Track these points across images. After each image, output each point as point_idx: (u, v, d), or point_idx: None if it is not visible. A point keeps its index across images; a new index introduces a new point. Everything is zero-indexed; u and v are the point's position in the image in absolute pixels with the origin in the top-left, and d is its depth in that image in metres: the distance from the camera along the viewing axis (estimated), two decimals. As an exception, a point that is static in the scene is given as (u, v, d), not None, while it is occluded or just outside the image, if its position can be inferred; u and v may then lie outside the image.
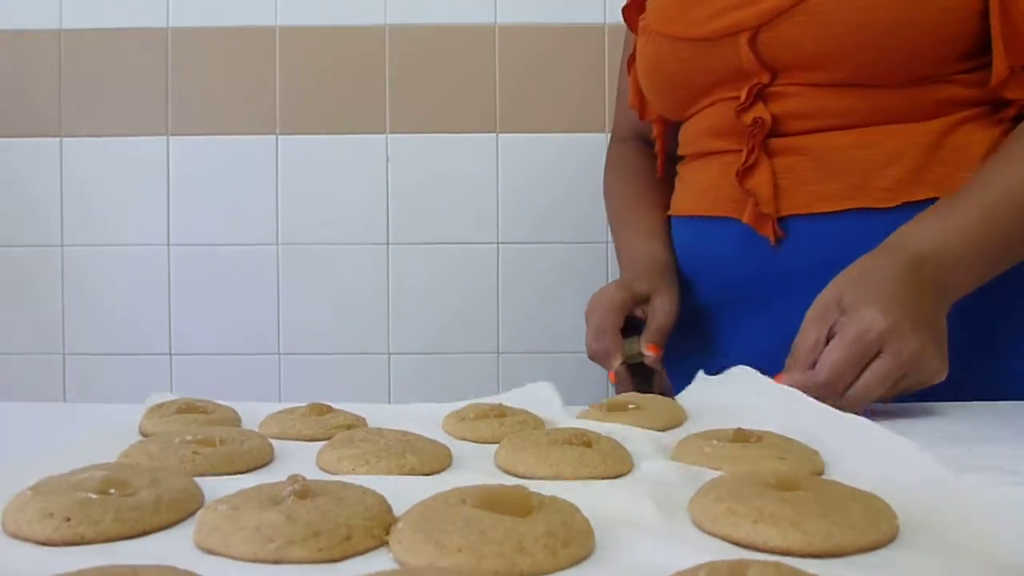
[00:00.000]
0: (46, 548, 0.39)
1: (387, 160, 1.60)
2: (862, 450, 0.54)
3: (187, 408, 0.64)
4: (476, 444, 0.60)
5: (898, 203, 0.85)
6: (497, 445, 0.56)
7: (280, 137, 1.61)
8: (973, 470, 0.50)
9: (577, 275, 1.51)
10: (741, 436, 0.54)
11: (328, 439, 0.57)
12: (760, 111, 0.89)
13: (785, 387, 0.67)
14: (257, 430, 0.61)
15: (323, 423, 0.62)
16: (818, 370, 0.69)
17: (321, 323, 1.61)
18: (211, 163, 1.62)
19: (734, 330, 0.97)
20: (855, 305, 0.70)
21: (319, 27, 1.60)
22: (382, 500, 0.42)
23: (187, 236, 1.62)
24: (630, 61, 1.09)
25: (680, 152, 1.06)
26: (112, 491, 0.41)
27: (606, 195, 1.21)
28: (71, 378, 1.63)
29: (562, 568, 0.36)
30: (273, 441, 0.58)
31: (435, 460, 0.53)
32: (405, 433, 0.56)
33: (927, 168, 0.85)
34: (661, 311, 0.93)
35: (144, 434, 0.61)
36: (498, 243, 1.57)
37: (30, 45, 1.63)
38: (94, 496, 0.41)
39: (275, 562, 0.37)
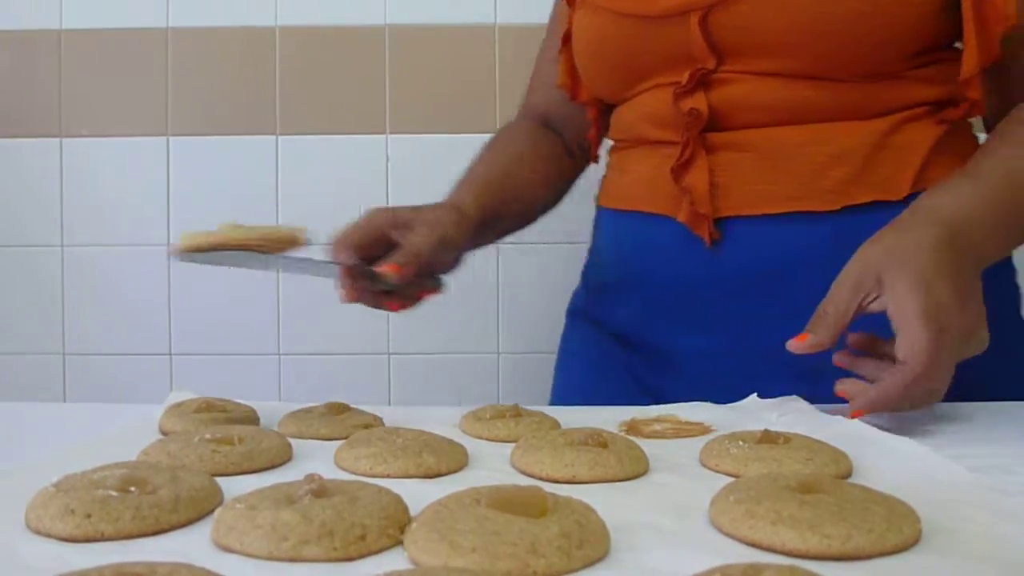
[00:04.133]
0: (67, 544, 0.39)
1: (387, 160, 1.60)
2: (890, 455, 0.54)
3: (206, 407, 0.65)
4: (492, 443, 0.60)
5: (840, 206, 0.81)
6: (513, 445, 0.56)
7: (280, 137, 1.62)
8: (973, 470, 0.51)
9: (578, 275, 1.52)
10: (768, 438, 0.54)
11: (346, 438, 0.57)
12: (698, 100, 0.83)
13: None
14: (276, 429, 0.62)
15: (341, 422, 0.63)
16: (913, 361, 0.63)
17: (321, 323, 1.61)
18: (211, 163, 1.62)
19: (672, 331, 0.90)
20: (900, 282, 0.65)
21: (319, 27, 1.61)
22: (397, 500, 0.42)
23: (187, 236, 1.62)
24: (565, 37, 1.00)
25: (613, 136, 1.00)
26: (132, 489, 0.42)
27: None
28: (71, 378, 1.63)
29: (576, 570, 0.36)
30: (291, 440, 0.58)
31: (452, 459, 0.53)
32: (422, 432, 0.56)
33: (869, 169, 0.82)
34: (418, 235, 0.81)
35: (164, 433, 0.62)
36: (498, 243, 1.57)
37: (30, 45, 1.63)
38: (115, 493, 0.41)
39: (290, 560, 0.37)
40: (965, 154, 0.83)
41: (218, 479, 0.47)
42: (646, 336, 0.92)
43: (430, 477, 0.51)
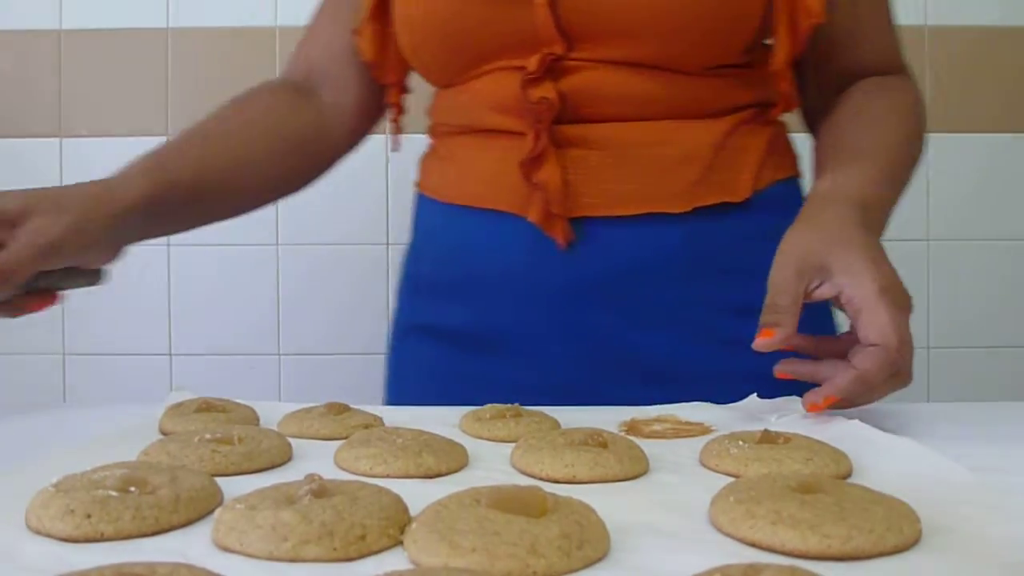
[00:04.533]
0: (67, 544, 0.39)
1: (387, 160, 1.60)
2: (889, 455, 0.54)
3: (206, 407, 0.65)
4: (492, 444, 0.60)
5: (690, 208, 0.81)
6: (513, 445, 0.56)
7: (280, 137, 1.62)
8: (973, 470, 0.51)
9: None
10: (768, 438, 0.54)
11: (346, 438, 0.57)
12: (548, 89, 0.79)
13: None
14: (275, 429, 0.62)
15: (341, 422, 0.63)
16: (887, 342, 0.63)
17: (321, 323, 1.61)
18: (211, 163, 1.62)
19: (523, 335, 0.85)
20: (850, 265, 0.66)
21: (319, 27, 1.60)
22: (397, 500, 0.42)
23: (188, 236, 1.62)
24: (372, 12, 0.89)
25: (438, 119, 0.92)
26: (132, 489, 0.42)
27: None
28: (71, 378, 1.63)
29: (576, 570, 0.36)
30: (291, 440, 0.58)
31: (452, 459, 0.53)
32: (422, 432, 0.56)
33: (714, 171, 0.82)
34: (17, 245, 0.69)
35: (164, 433, 0.62)
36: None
37: (30, 45, 1.63)
38: (114, 494, 0.41)
39: (290, 561, 0.37)
40: (789, 153, 0.89)
41: (218, 479, 0.47)
42: (493, 338, 0.86)
43: (430, 477, 0.51)
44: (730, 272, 0.82)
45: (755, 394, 0.74)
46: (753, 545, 0.39)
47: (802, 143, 0.91)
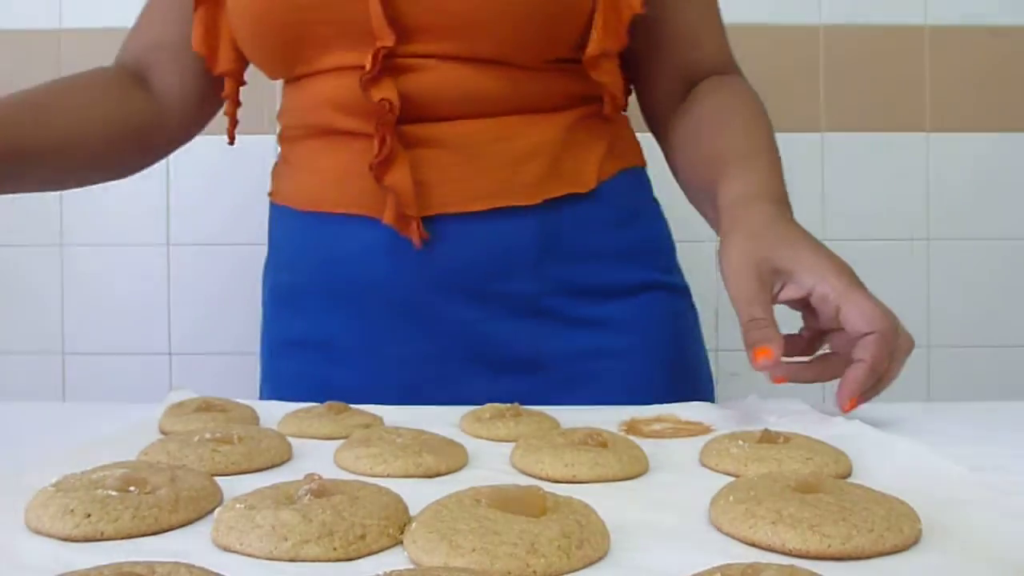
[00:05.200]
0: (66, 544, 0.39)
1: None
2: (889, 454, 0.54)
3: (206, 407, 0.65)
4: (492, 443, 0.60)
5: (540, 200, 0.83)
6: (513, 444, 0.56)
7: (280, 137, 1.62)
8: (973, 470, 0.51)
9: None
10: (768, 438, 0.54)
11: (346, 438, 0.57)
12: (388, 89, 0.77)
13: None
14: (275, 429, 0.62)
15: (341, 422, 0.63)
16: (883, 327, 0.63)
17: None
18: (211, 163, 1.62)
19: (380, 340, 0.85)
20: (805, 261, 0.67)
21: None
22: (397, 499, 0.42)
23: (187, 236, 1.63)
24: None
25: (287, 123, 0.90)
26: (132, 488, 0.42)
27: None
28: (71, 378, 1.63)
29: (576, 569, 0.36)
30: (291, 440, 0.58)
31: (451, 459, 0.53)
32: (422, 432, 0.56)
33: (560, 162, 0.84)
34: None
35: (163, 432, 0.62)
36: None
37: (30, 45, 1.63)
38: (114, 493, 0.41)
39: (290, 560, 0.37)
40: (632, 144, 0.93)
41: (218, 479, 0.48)
42: (355, 344, 0.85)
43: (430, 477, 0.51)
44: (581, 258, 0.85)
45: (754, 394, 0.74)
46: (753, 545, 0.39)
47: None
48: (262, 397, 0.93)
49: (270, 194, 0.95)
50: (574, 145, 0.85)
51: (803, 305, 0.69)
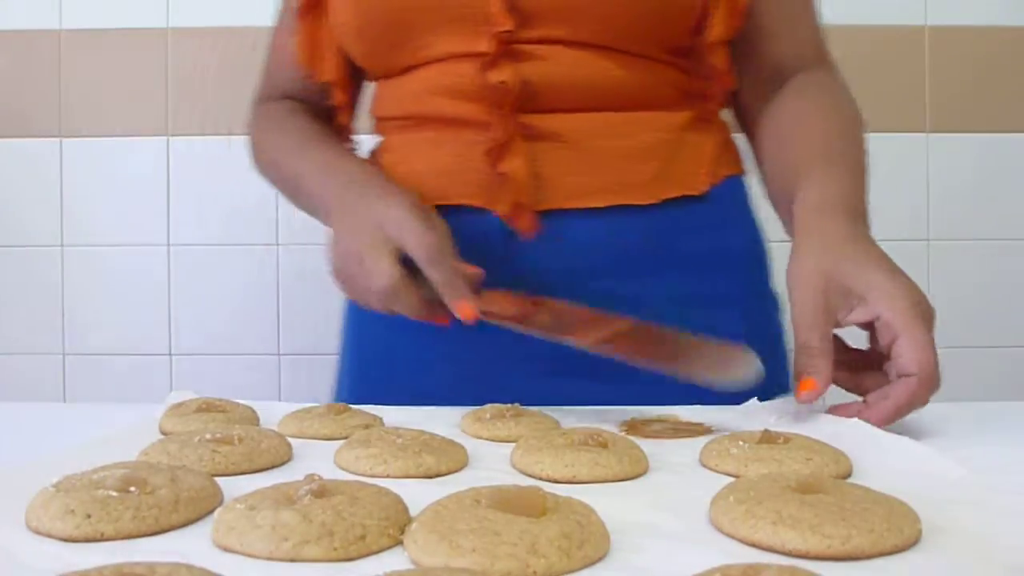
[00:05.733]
0: (67, 544, 0.39)
1: (386, 160, 1.60)
2: (889, 454, 0.54)
3: (206, 407, 0.65)
4: (492, 444, 0.60)
5: (656, 200, 0.82)
6: (513, 445, 0.56)
7: (280, 137, 1.62)
8: (973, 470, 0.51)
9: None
10: (768, 438, 0.54)
11: (346, 438, 0.57)
12: (507, 72, 0.77)
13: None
14: (275, 429, 0.62)
15: (341, 422, 0.63)
16: (926, 368, 0.62)
17: (320, 323, 1.61)
18: (211, 163, 1.62)
19: (481, 335, 0.80)
20: (875, 283, 0.65)
21: (319, 27, 1.60)
22: (397, 500, 0.42)
23: (187, 236, 1.63)
24: (304, 7, 0.88)
25: (384, 113, 0.89)
26: (132, 489, 0.42)
27: (264, 158, 0.94)
28: (71, 378, 1.63)
29: (576, 570, 0.36)
30: (291, 440, 0.58)
31: (451, 460, 0.53)
32: (422, 432, 0.56)
33: (674, 164, 0.83)
34: (445, 230, 0.75)
35: (164, 433, 0.62)
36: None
37: (30, 45, 1.63)
38: (114, 494, 0.41)
39: (290, 561, 0.37)
40: (735, 150, 0.90)
41: (218, 479, 0.47)
42: (447, 341, 0.82)
43: (430, 477, 0.51)
44: (688, 263, 0.83)
45: (755, 398, 0.74)
46: (753, 545, 0.39)
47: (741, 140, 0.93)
48: (340, 388, 0.94)
49: None
50: (687, 146, 0.84)
51: (869, 327, 0.68)
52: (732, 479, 0.49)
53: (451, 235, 0.75)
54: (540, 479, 0.51)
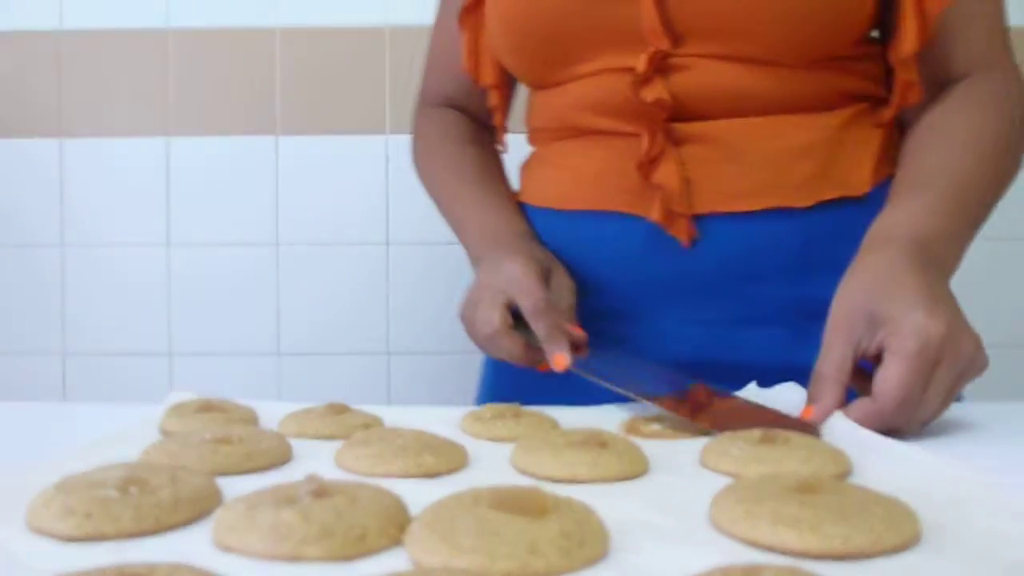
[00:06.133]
0: (67, 544, 0.39)
1: (387, 160, 1.61)
2: (889, 454, 0.54)
3: (206, 407, 0.65)
4: (492, 444, 0.61)
5: (813, 202, 0.80)
6: (513, 445, 0.56)
7: (280, 137, 1.62)
8: (974, 470, 0.51)
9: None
10: (768, 438, 0.54)
11: (346, 438, 0.57)
12: (660, 90, 0.77)
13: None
14: (275, 429, 0.62)
15: (341, 422, 0.63)
16: (882, 398, 0.60)
17: (321, 323, 1.61)
18: (211, 163, 1.62)
19: (635, 340, 0.85)
20: (897, 313, 0.62)
21: (319, 27, 1.61)
22: (397, 500, 0.42)
23: (187, 236, 1.63)
24: (465, 13, 0.91)
25: (536, 124, 0.92)
26: (132, 489, 0.42)
27: (425, 172, 1.01)
28: (71, 378, 1.63)
29: (576, 570, 0.36)
30: (291, 440, 0.58)
31: (451, 460, 0.53)
32: (422, 432, 0.56)
33: (833, 164, 0.80)
34: (567, 288, 0.81)
35: (164, 433, 0.62)
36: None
37: (30, 45, 1.63)
38: (115, 494, 0.41)
39: (290, 560, 0.37)
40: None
41: (218, 479, 0.48)
42: (606, 339, 0.83)
43: (430, 477, 0.51)
44: (844, 270, 0.77)
45: (754, 382, 0.74)
46: (753, 545, 0.39)
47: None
48: (483, 389, 0.95)
49: (519, 195, 0.96)
50: (847, 145, 0.81)
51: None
52: (732, 479, 0.49)
53: (575, 292, 0.81)
54: (540, 479, 0.51)
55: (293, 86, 1.61)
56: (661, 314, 0.84)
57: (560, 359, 0.73)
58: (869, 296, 0.65)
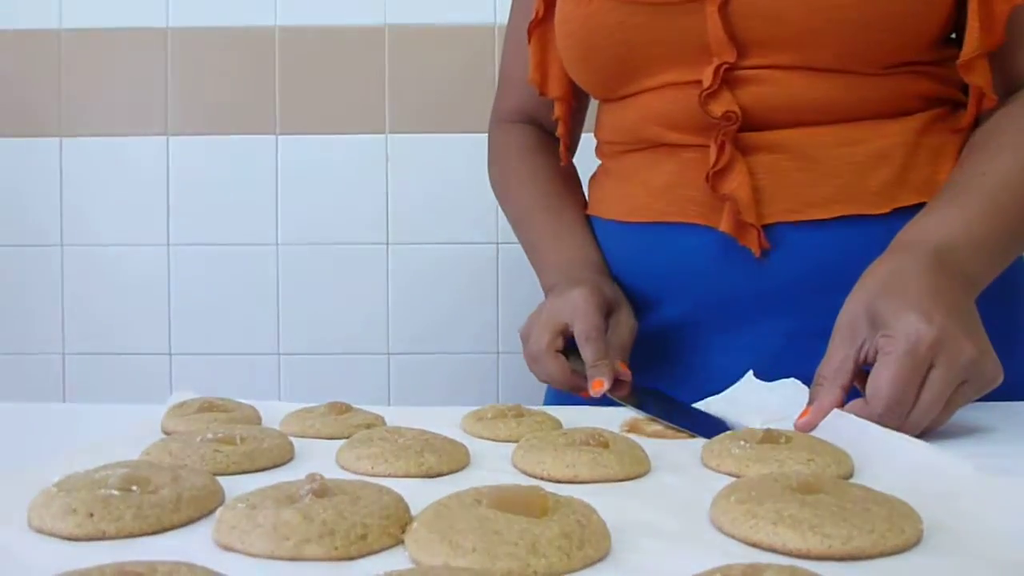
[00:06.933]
0: (69, 543, 0.39)
1: (387, 160, 1.60)
2: (891, 455, 0.54)
3: (208, 407, 0.65)
4: (494, 443, 0.61)
5: (890, 209, 0.78)
6: (515, 444, 0.56)
7: (280, 137, 1.62)
8: (974, 470, 0.51)
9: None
10: (770, 438, 0.54)
11: (348, 438, 0.57)
12: (729, 102, 0.77)
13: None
14: (277, 429, 0.62)
15: (343, 422, 0.63)
16: (872, 400, 0.60)
17: (321, 323, 1.61)
18: (211, 163, 1.62)
19: (707, 351, 0.85)
20: (891, 315, 0.62)
21: (319, 27, 1.60)
22: (398, 499, 0.42)
23: (187, 236, 1.63)
24: (532, 26, 0.93)
25: (605, 138, 0.93)
26: (134, 488, 0.42)
27: (500, 189, 1.04)
28: (71, 378, 1.63)
29: (576, 570, 0.37)
30: (293, 439, 0.58)
31: (453, 459, 0.53)
32: (423, 432, 0.56)
33: (911, 169, 0.79)
34: (626, 326, 0.82)
35: (166, 432, 0.62)
36: (498, 243, 1.57)
37: (30, 45, 1.63)
38: (116, 493, 0.41)
39: (291, 560, 0.37)
40: None
41: (220, 478, 0.48)
42: (674, 352, 0.86)
43: (431, 477, 0.51)
44: None
45: (751, 372, 0.74)
46: (754, 545, 0.39)
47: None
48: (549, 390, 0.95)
49: (586, 208, 0.97)
50: (926, 150, 0.79)
51: None
52: (733, 479, 0.49)
53: (635, 332, 0.82)
54: (541, 479, 0.51)
55: (293, 86, 1.61)
56: (734, 325, 0.83)
57: (598, 383, 0.74)
58: (873, 300, 0.64)
